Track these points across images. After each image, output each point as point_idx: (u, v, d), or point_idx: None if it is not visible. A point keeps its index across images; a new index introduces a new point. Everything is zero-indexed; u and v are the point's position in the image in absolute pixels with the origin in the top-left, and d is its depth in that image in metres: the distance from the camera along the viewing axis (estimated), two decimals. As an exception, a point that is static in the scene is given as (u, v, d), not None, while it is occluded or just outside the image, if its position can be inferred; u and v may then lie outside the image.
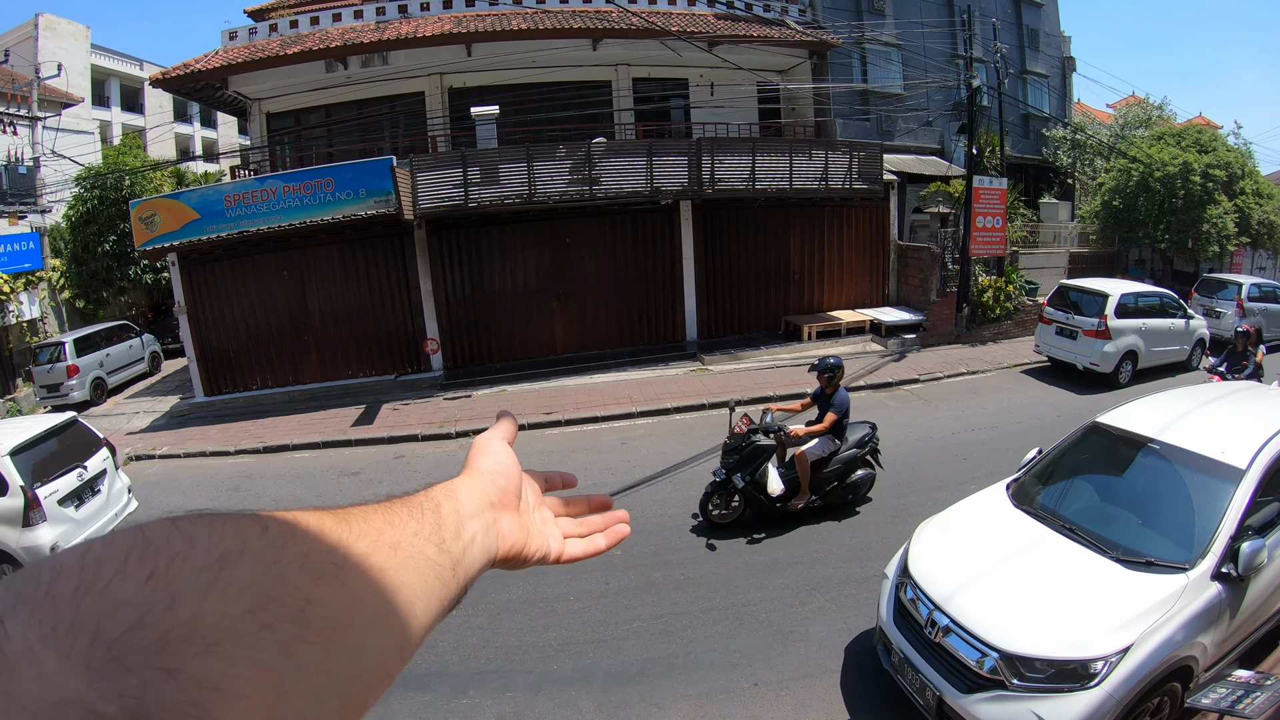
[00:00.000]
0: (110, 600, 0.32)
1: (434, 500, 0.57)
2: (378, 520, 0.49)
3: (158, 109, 30.08)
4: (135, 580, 0.33)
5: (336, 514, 0.46)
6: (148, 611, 0.32)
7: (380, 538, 0.47)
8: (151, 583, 0.33)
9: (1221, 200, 18.43)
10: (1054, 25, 23.18)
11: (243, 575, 0.36)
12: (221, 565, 0.35)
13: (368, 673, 0.41)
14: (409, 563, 0.48)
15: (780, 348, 14.35)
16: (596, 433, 10.64)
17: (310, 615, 0.37)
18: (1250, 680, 3.49)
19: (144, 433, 12.75)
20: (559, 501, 0.79)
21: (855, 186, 14.64)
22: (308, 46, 14.50)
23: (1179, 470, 4.56)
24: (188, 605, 0.33)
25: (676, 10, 16.47)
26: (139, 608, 0.32)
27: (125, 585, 0.32)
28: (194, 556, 0.35)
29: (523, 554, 0.67)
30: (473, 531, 0.59)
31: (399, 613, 0.45)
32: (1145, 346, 12.27)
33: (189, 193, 13.35)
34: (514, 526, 0.66)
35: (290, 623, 0.36)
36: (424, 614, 0.48)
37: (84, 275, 18.76)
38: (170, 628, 0.32)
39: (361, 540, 0.45)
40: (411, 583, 0.47)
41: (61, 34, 26.48)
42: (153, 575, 0.33)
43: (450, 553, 0.54)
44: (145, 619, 0.32)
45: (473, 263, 14.02)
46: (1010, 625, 3.81)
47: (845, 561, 6.31)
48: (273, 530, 0.39)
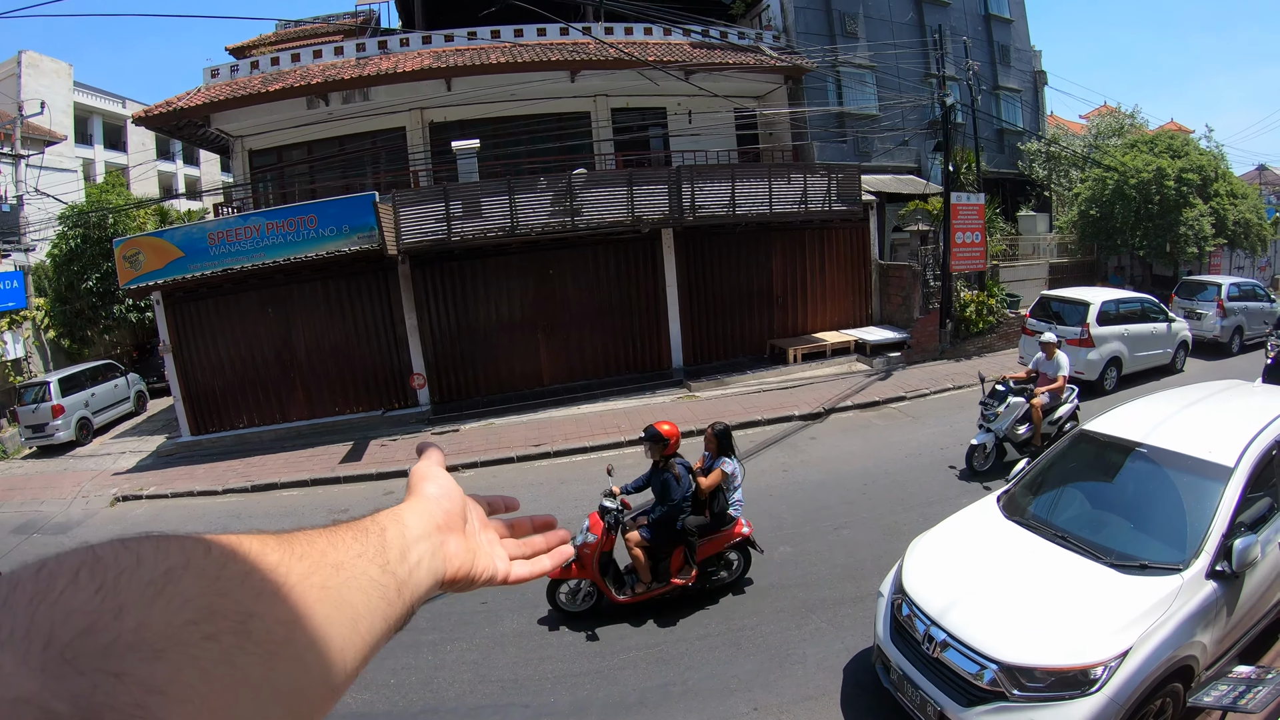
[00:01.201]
0: (62, 609, 0.34)
1: (379, 524, 0.59)
2: (321, 543, 0.51)
3: (140, 146, 30.08)
4: (85, 591, 0.35)
5: (281, 537, 0.49)
6: (97, 619, 0.34)
7: (323, 559, 0.49)
8: (100, 594, 0.35)
9: (1196, 203, 18.72)
10: (1024, 41, 23.59)
11: (187, 589, 0.38)
12: (166, 579, 0.38)
13: (312, 687, 0.44)
14: (352, 583, 0.50)
15: (766, 371, 14.44)
16: (585, 463, 10.64)
17: (252, 629, 0.40)
18: (1251, 675, 3.48)
19: (130, 473, 12.68)
20: (503, 524, 0.82)
21: (835, 208, 14.82)
22: (289, 83, 14.58)
23: (1168, 472, 4.61)
24: (134, 615, 0.35)
25: (653, 41, 16.71)
26: (89, 615, 0.34)
27: (76, 595, 0.35)
28: (140, 571, 0.37)
29: (470, 574, 0.68)
30: (419, 554, 0.61)
31: (341, 629, 0.47)
32: (1129, 352, 12.42)
33: (173, 231, 13.38)
34: (461, 548, 0.68)
35: (233, 634, 0.39)
36: (367, 632, 0.50)
37: (68, 314, 18.68)
38: (118, 634, 0.34)
39: (304, 560, 0.48)
40: (354, 601, 0.50)
41: (44, 71, 26.55)
42: (101, 587, 0.36)
43: (395, 574, 0.56)
44: (94, 625, 0.34)
45: (457, 296, 14.07)
46: (1008, 636, 3.81)
47: (840, 582, 6.33)
48: (215, 550, 0.42)
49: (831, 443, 10.50)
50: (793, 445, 10.52)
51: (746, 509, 8.19)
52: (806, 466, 9.53)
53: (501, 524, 0.81)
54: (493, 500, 0.82)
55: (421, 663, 5.68)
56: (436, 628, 6.15)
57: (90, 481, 12.45)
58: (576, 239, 14.01)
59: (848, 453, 9.99)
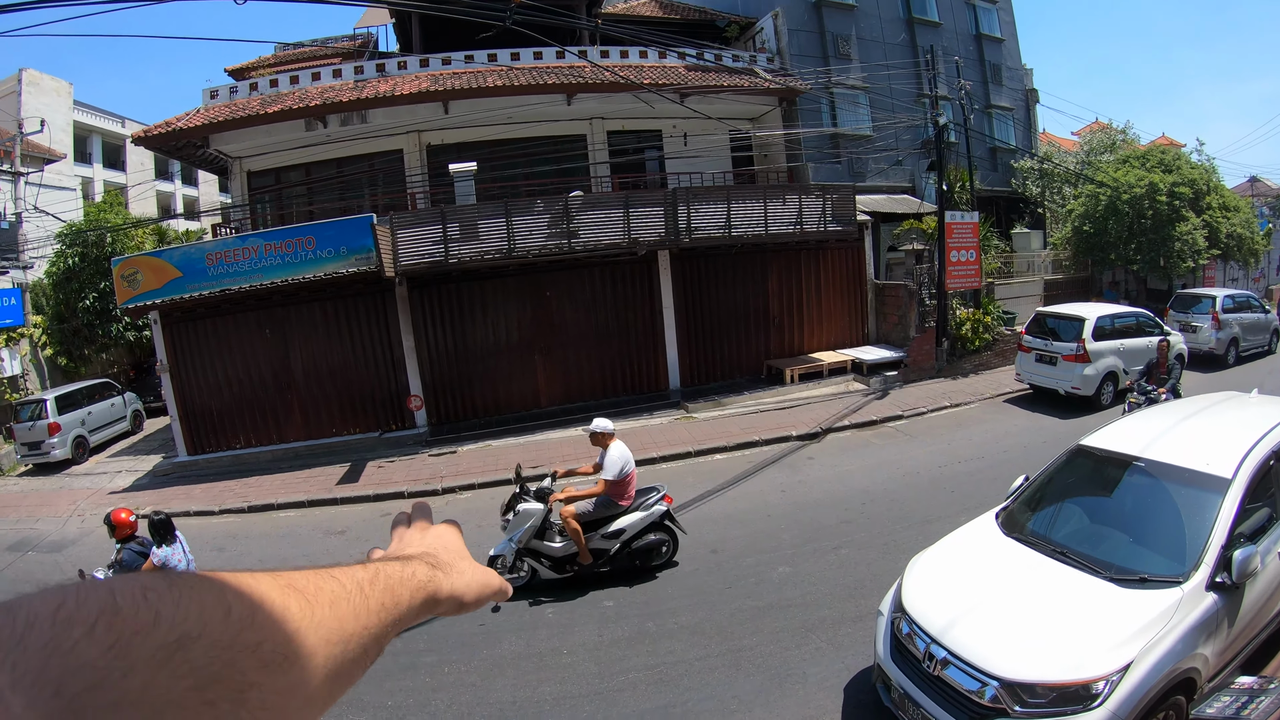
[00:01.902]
0: (75, 661, 0.36)
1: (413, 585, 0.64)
2: (345, 610, 0.53)
3: (139, 166, 30.21)
4: (99, 646, 0.37)
5: (307, 597, 0.51)
6: (106, 676, 0.37)
7: (341, 628, 0.52)
8: (113, 651, 0.37)
9: (1190, 217, 18.86)
10: (1015, 59, 23.87)
11: (196, 657, 0.40)
12: (179, 645, 0.40)
13: None
14: (358, 657, 0.54)
15: (764, 392, 14.47)
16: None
17: (249, 697, 0.42)
18: (1254, 686, 3.49)
19: (126, 492, 12.63)
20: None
21: (830, 229, 14.91)
22: (287, 105, 14.68)
23: (1166, 485, 4.62)
24: (141, 676, 0.38)
25: (648, 64, 16.88)
26: (99, 673, 0.37)
27: (90, 649, 0.37)
28: (155, 634, 0.39)
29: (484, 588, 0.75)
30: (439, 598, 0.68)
31: (331, 695, 0.51)
32: (1125, 366, 12.47)
33: (171, 251, 13.38)
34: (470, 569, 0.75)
35: (229, 701, 0.41)
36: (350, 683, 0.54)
37: (66, 332, 18.69)
38: (124, 693, 0.37)
39: (318, 631, 0.50)
40: (353, 673, 0.53)
41: (45, 90, 26.71)
42: (115, 645, 0.38)
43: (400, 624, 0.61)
44: (103, 682, 0.37)
45: (455, 318, 14.11)
46: (1008, 653, 3.80)
47: (839, 601, 6.32)
48: (235, 613, 0.44)
49: (829, 462, 10.51)
50: (791, 465, 10.54)
51: (741, 529, 8.21)
52: (804, 486, 9.54)
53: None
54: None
55: (419, 684, 5.66)
56: (434, 649, 6.14)
57: (86, 500, 12.41)
58: (573, 261, 14.08)
59: (846, 472, 10.00)
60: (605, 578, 7.10)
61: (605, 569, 7.02)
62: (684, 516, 8.64)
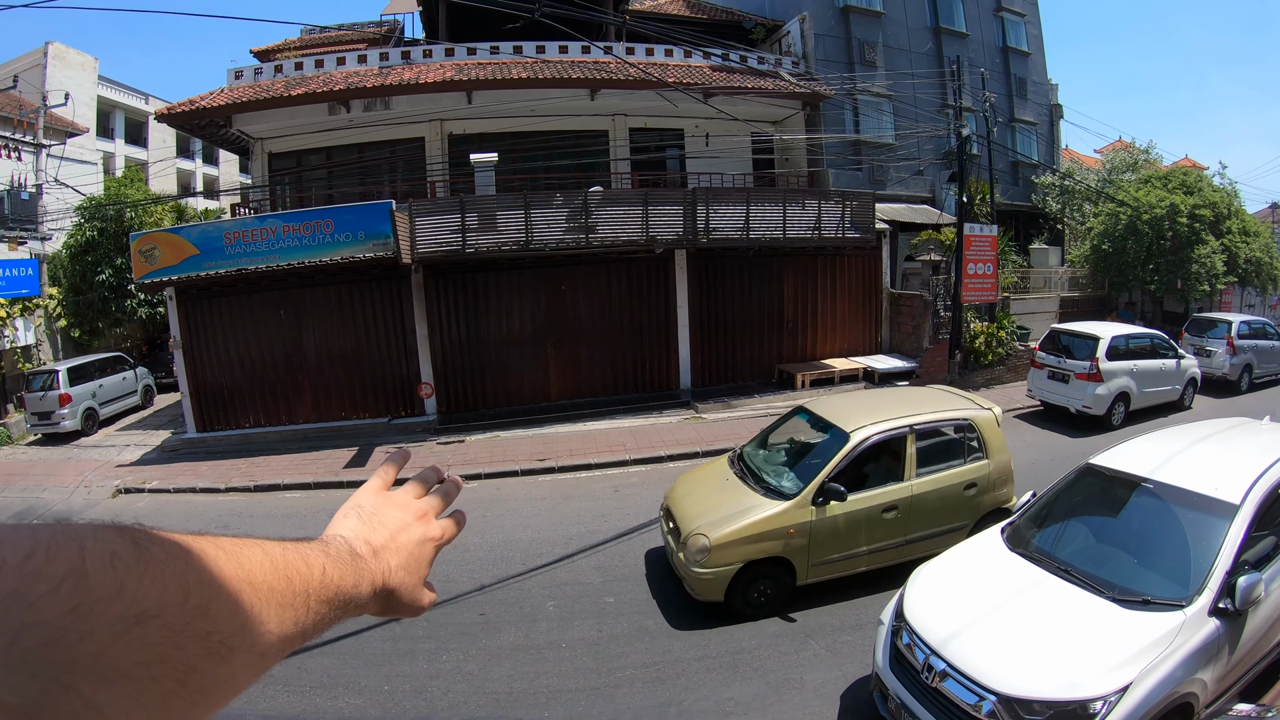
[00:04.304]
0: (36, 616, 0.38)
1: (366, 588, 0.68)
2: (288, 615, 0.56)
3: (161, 143, 30.38)
4: (62, 606, 0.39)
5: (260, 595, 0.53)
6: (64, 636, 0.39)
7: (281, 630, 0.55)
8: (75, 614, 0.39)
9: (1209, 240, 18.73)
10: (1041, 73, 23.74)
11: (150, 635, 0.42)
12: (136, 621, 0.42)
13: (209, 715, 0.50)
14: (280, 656, 0.56)
15: (774, 396, 14.41)
16: (590, 480, 10.63)
17: (190, 680, 0.45)
18: (1251, 714, 3.45)
19: (134, 465, 12.72)
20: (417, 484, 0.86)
21: (848, 235, 14.84)
22: (311, 89, 14.73)
23: (1173, 508, 4.59)
24: (97, 643, 0.40)
25: (673, 62, 16.86)
26: (58, 630, 0.38)
27: (52, 607, 0.39)
28: (116, 605, 0.41)
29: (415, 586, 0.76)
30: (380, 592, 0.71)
31: (256, 675, 0.54)
32: (1137, 388, 12.41)
33: (189, 228, 13.43)
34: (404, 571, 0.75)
35: (173, 680, 0.43)
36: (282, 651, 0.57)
37: (81, 305, 18.81)
38: (79, 656, 0.39)
39: (268, 624, 0.53)
40: (270, 667, 0.56)
41: (70, 64, 26.88)
42: (77, 608, 0.39)
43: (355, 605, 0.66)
44: (60, 641, 0.38)
45: (469, 308, 14.12)
46: (1007, 668, 3.79)
47: (840, 608, 6.31)
48: (192, 600, 0.46)
49: (837, 470, 10.48)
50: (798, 471, 10.49)
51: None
52: (811, 493, 9.51)
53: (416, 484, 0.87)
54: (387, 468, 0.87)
55: (416, 670, 5.68)
56: (433, 636, 6.16)
57: (93, 472, 12.49)
58: (590, 256, 14.06)
59: (852, 481, 9.97)
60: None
61: None
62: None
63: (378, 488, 0.82)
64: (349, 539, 0.71)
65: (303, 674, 5.71)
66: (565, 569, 7.44)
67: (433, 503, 0.84)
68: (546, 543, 8.13)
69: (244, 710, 5.28)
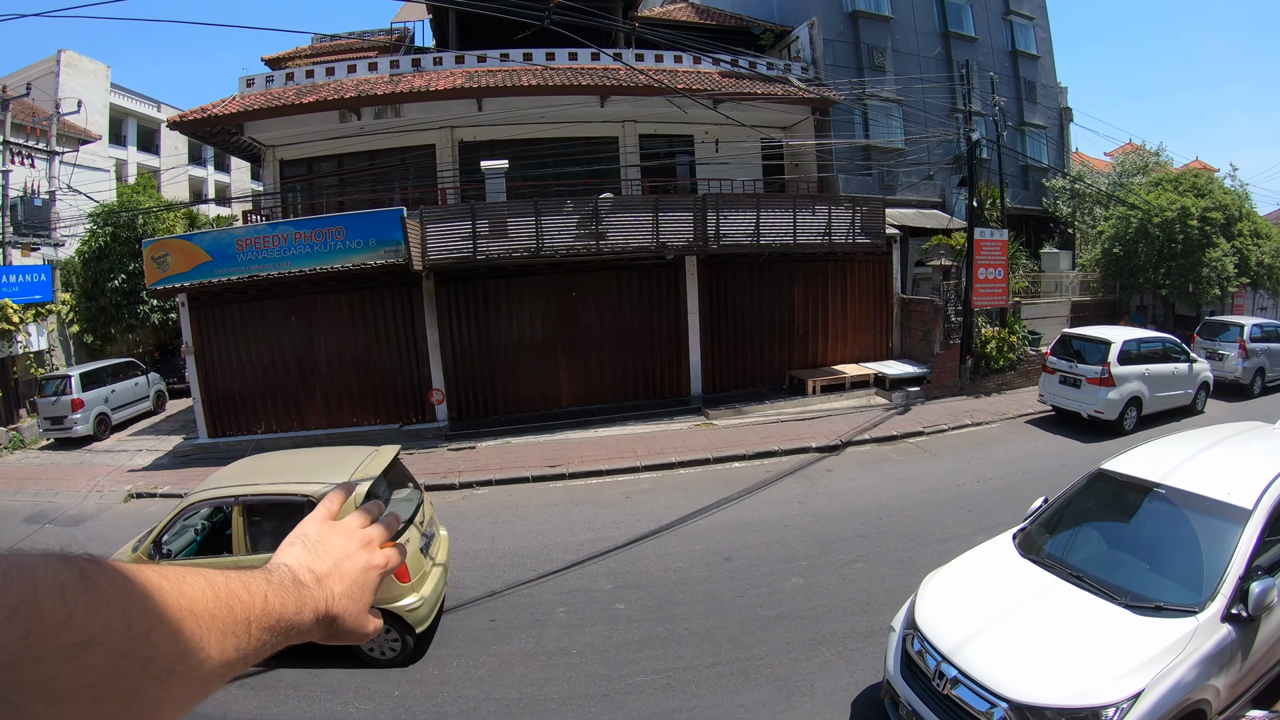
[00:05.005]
0: None
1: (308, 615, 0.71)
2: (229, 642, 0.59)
3: (173, 150, 30.63)
4: (15, 633, 0.43)
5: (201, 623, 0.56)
6: (16, 660, 0.42)
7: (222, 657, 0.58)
8: (27, 640, 0.43)
9: (1220, 243, 18.61)
10: (1050, 77, 23.64)
11: (95, 660, 0.46)
12: (83, 648, 0.46)
13: None
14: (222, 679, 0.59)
15: (785, 402, 14.38)
16: (601, 486, 10.63)
17: (133, 703, 0.48)
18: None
19: (146, 470, 12.81)
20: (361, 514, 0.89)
21: (858, 241, 14.81)
22: (322, 96, 14.82)
23: (1185, 513, 4.57)
24: (47, 666, 0.43)
25: (682, 69, 16.90)
26: (10, 654, 0.42)
27: (6, 634, 0.43)
28: (65, 632, 0.45)
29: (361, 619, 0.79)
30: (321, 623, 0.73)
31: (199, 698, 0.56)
32: (1149, 392, 12.35)
33: (201, 235, 13.51)
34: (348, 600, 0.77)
35: (115, 703, 0.47)
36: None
37: (93, 311, 18.96)
38: (28, 678, 0.43)
39: (208, 650, 0.56)
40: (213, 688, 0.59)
41: (82, 71, 27.16)
42: (29, 635, 0.43)
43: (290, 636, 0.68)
44: (12, 664, 0.42)
45: (479, 314, 14.15)
46: (1019, 675, 3.77)
47: (851, 615, 6.28)
48: (135, 627, 0.50)
49: (847, 476, 10.45)
50: (809, 477, 10.46)
51: (756, 538, 8.16)
52: (822, 499, 9.48)
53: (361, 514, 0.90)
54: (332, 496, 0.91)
55: (427, 676, 5.70)
56: (443, 642, 6.18)
57: (105, 476, 12.56)
58: (600, 263, 14.09)
59: (864, 486, 9.93)
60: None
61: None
62: (700, 523, 8.71)
63: (323, 517, 0.85)
64: (293, 567, 0.74)
65: (314, 679, 5.74)
66: (576, 575, 7.44)
67: (377, 532, 0.87)
68: (557, 549, 8.14)
69: (256, 715, 5.31)
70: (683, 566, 7.48)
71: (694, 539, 8.20)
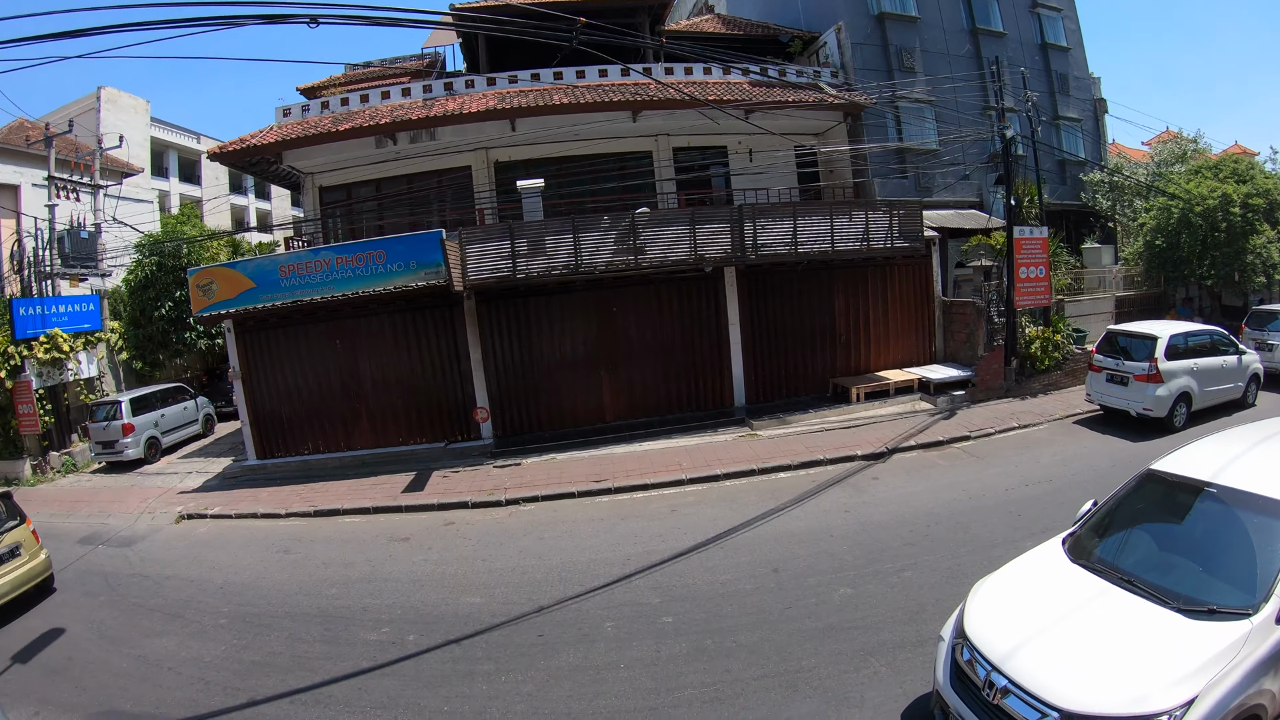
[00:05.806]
0: None
1: None
2: None
3: (214, 180, 31.52)
4: None
5: None
6: None
7: None
8: None
9: (1264, 229, 18.07)
10: (1082, 69, 23.19)
11: None
12: None
13: None
14: None
15: (829, 410, 14.25)
16: (646, 500, 10.63)
17: None
18: None
19: (196, 492, 13.12)
20: None
21: (896, 245, 14.64)
22: (358, 123, 15.13)
23: (1238, 513, 4.44)
24: None
25: (712, 80, 16.94)
26: None
27: None
28: None
29: None
30: None
31: None
32: (1199, 387, 12.06)
33: (245, 262, 13.82)
34: None
35: None
36: None
37: (141, 338, 19.54)
38: None
39: None
40: None
41: (123, 107, 28.12)
42: None
43: None
44: None
45: (521, 332, 14.29)
46: (1070, 683, 3.71)
47: (900, 625, 6.20)
48: None
49: (894, 483, 10.32)
50: (855, 485, 10.36)
51: (803, 549, 7.99)
52: (868, 507, 9.38)
53: None
54: None
55: (476, 691, 5.73)
56: (492, 658, 6.22)
57: (157, 498, 12.91)
58: (639, 277, 14.14)
59: (910, 493, 9.81)
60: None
61: None
62: (746, 534, 8.69)
63: None
64: None
65: (363, 694, 5.82)
66: (623, 590, 7.44)
67: None
68: (604, 564, 8.16)
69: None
70: (730, 579, 7.45)
71: (740, 551, 8.16)
